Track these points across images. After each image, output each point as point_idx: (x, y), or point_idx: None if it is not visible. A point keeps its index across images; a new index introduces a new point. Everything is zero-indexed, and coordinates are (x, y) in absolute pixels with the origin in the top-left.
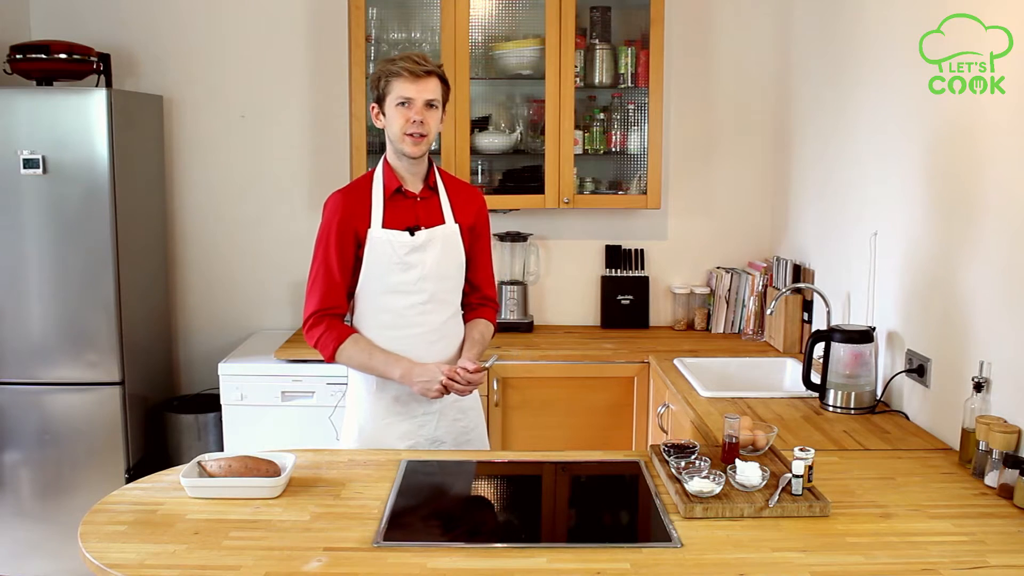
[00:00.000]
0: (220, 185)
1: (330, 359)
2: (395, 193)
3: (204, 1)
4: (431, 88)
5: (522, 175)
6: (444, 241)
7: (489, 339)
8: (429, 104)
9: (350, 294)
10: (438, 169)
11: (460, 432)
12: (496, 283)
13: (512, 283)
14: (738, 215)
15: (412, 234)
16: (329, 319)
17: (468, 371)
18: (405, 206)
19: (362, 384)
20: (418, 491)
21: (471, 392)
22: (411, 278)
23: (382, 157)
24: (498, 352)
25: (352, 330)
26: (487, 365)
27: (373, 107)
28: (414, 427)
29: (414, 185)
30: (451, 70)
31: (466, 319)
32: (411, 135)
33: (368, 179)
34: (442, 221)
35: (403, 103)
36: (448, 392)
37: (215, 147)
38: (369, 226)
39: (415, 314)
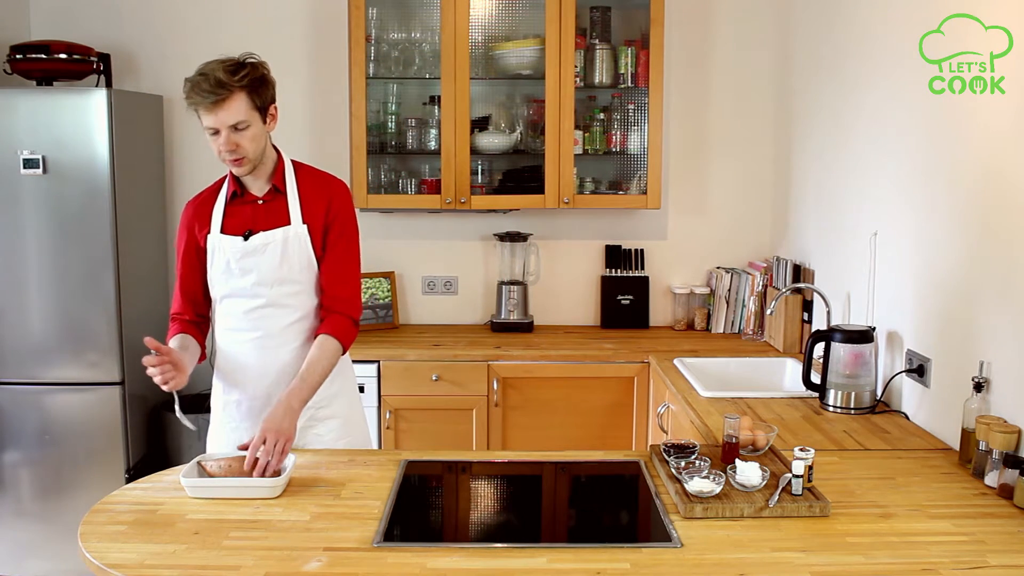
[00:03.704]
0: None
1: None
2: (234, 198)
3: (204, 1)
4: (233, 110)
5: (522, 175)
6: (284, 244)
7: (330, 361)
8: (236, 127)
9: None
10: (294, 165)
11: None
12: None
13: (512, 283)
14: (738, 215)
15: (246, 238)
16: (179, 323)
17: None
18: (245, 211)
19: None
20: (418, 491)
21: (270, 464)
22: (247, 283)
23: None
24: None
25: (190, 334)
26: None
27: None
28: (239, 436)
29: (257, 189)
30: (451, 70)
31: (317, 330)
32: (230, 160)
33: (218, 185)
34: (286, 223)
35: (212, 132)
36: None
37: None
38: (209, 232)
39: (255, 319)
